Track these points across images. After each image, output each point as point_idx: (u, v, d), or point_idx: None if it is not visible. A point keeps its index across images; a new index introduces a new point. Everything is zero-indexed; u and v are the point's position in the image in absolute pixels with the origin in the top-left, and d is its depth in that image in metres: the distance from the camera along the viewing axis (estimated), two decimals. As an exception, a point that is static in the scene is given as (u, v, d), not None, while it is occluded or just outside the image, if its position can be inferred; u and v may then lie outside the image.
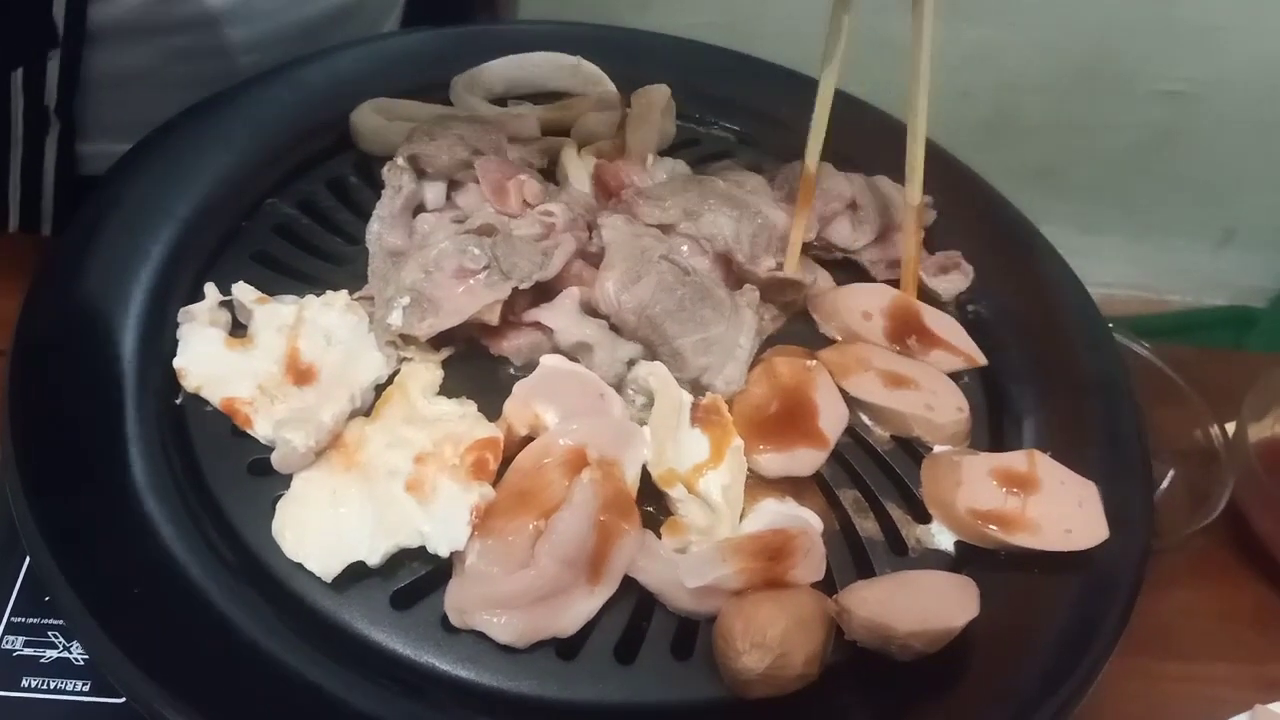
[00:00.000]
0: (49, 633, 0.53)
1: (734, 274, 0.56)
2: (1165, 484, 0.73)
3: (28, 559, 0.56)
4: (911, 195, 0.58)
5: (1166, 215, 1.58)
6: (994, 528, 0.50)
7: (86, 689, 0.52)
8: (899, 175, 0.64)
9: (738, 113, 0.71)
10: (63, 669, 0.52)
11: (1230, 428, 0.73)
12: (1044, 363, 0.58)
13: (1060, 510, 0.51)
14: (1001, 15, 1.43)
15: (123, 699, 0.51)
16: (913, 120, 0.57)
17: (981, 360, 0.57)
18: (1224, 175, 1.53)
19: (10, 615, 0.54)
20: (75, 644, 0.53)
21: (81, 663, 0.52)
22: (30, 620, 0.53)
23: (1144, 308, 1.58)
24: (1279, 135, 1.49)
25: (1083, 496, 0.51)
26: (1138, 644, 0.66)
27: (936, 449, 0.54)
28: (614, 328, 0.54)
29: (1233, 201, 1.55)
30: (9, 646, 0.53)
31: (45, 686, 0.52)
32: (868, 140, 0.66)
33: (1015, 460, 0.53)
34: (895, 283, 0.61)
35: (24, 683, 0.52)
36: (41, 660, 0.52)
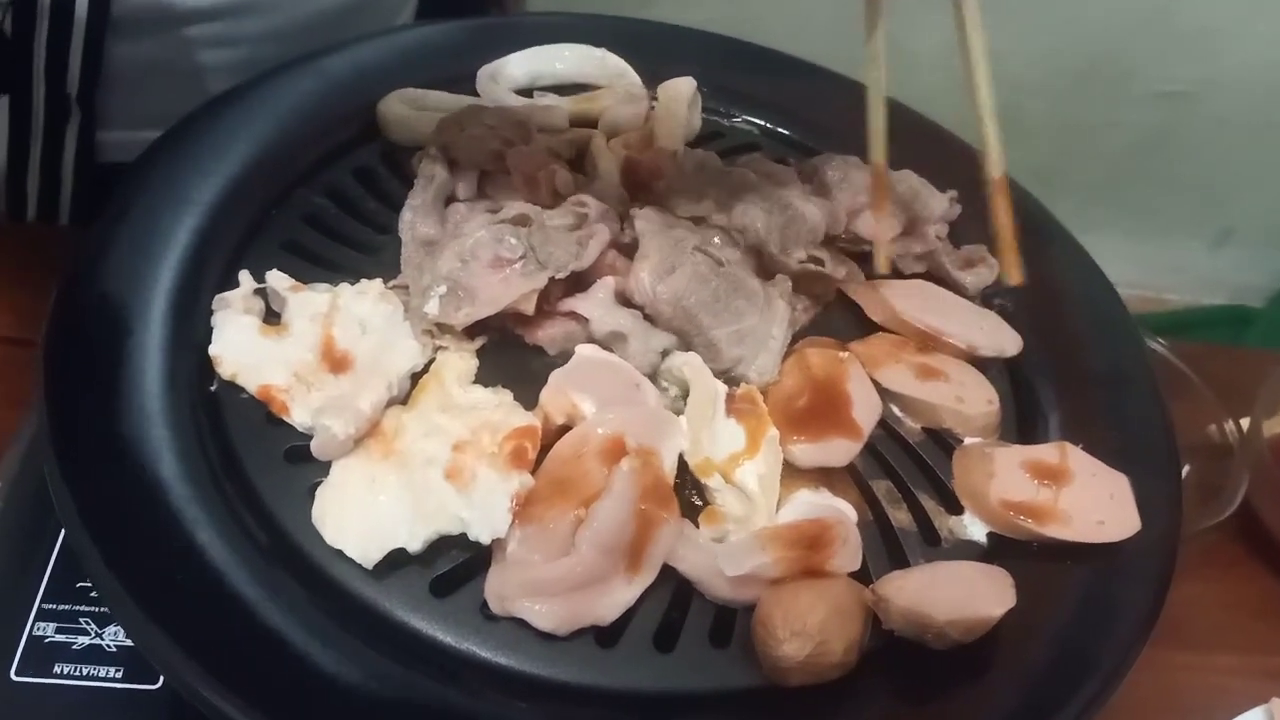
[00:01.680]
0: (80, 619, 0.53)
1: (765, 265, 0.57)
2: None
3: (58, 546, 0.56)
4: (993, 168, 0.57)
5: (1165, 215, 1.59)
6: (1026, 519, 0.50)
7: (119, 675, 0.52)
8: (924, 169, 0.64)
9: (760, 106, 0.71)
10: (95, 655, 0.52)
11: (1244, 423, 0.74)
12: (1069, 355, 0.59)
13: (1092, 502, 0.51)
14: (1001, 18, 1.44)
15: (155, 685, 0.52)
16: (980, 97, 0.58)
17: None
18: (1222, 176, 1.54)
19: (41, 602, 0.54)
20: (107, 631, 0.53)
21: (114, 649, 0.52)
22: (62, 607, 0.53)
23: (1142, 306, 1.59)
24: (1276, 136, 1.51)
25: (1114, 489, 0.52)
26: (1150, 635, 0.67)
27: (967, 441, 0.54)
28: (648, 318, 0.54)
29: (1230, 202, 1.57)
30: (41, 633, 0.53)
31: (77, 673, 0.52)
32: (894, 136, 0.67)
33: (1046, 452, 0.53)
34: (923, 275, 0.61)
35: (56, 669, 0.52)
36: (74, 647, 0.52)
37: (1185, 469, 0.74)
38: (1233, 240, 1.60)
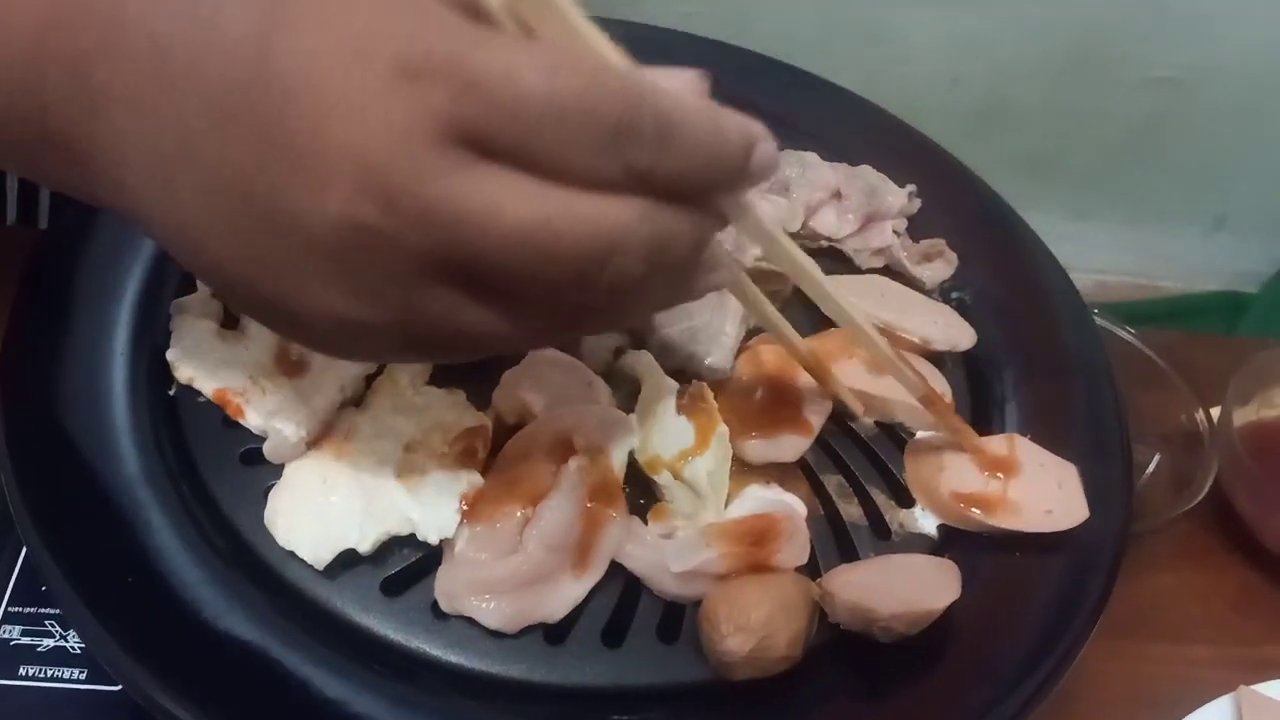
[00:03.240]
0: (46, 622, 0.54)
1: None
2: (1150, 469, 0.74)
3: (24, 551, 0.57)
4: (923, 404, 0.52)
5: (1158, 202, 1.58)
6: (976, 511, 0.51)
7: (84, 677, 0.52)
8: (883, 165, 0.64)
9: (723, 101, 0.71)
10: (60, 657, 0.53)
11: (1215, 412, 0.74)
12: (1025, 347, 0.59)
13: (1040, 492, 0.51)
14: (992, 3, 1.44)
15: (118, 686, 0.52)
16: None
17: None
18: (1215, 162, 1.53)
19: (8, 605, 0.54)
20: (71, 633, 0.54)
21: (78, 651, 0.53)
22: (27, 610, 0.54)
23: (1136, 293, 1.58)
24: (1270, 122, 1.50)
25: (1062, 478, 0.52)
26: (1121, 627, 0.67)
27: (919, 434, 0.54)
28: (600, 317, 0.54)
29: (1224, 188, 1.56)
30: (6, 635, 0.54)
31: (43, 675, 0.52)
32: (853, 131, 0.67)
33: (996, 444, 0.53)
34: (881, 270, 0.62)
35: (22, 671, 0.52)
36: (39, 649, 0.53)
37: (1156, 458, 0.74)
38: (1227, 227, 1.59)
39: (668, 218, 0.34)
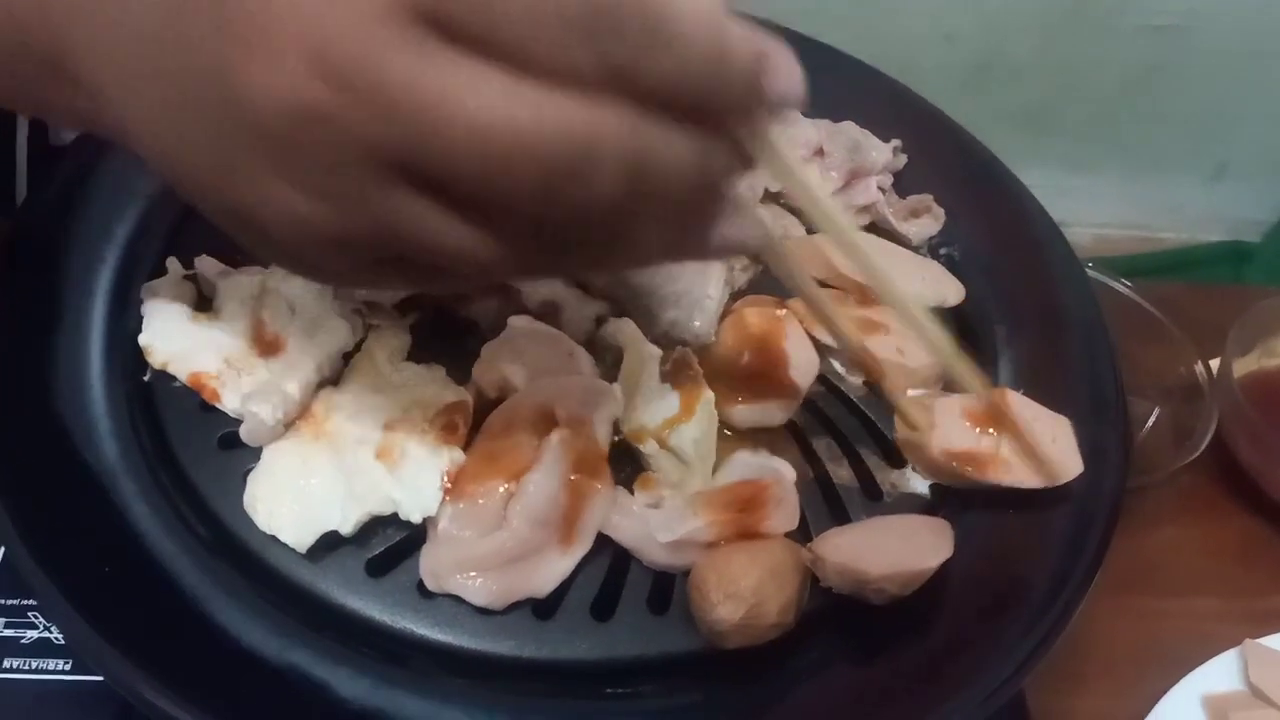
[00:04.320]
0: (29, 613, 0.53)
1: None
2: (1150, 422, 0.73)
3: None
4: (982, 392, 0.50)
5: (1158, 151, 1.56)
6: (969, 468, 0.50)
7: (68, 668, 0.52)
8: (867, 121, 0.63)
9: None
10: (44, 649, 0.53)
11: (1215, 364, 0.73)
12: (1016, 302, 0.58)
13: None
14: (982, -47, 1.41)
15: (102, 678, 0.52)
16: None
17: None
18: (1215, 109, 1.51)
19: (-9, 598, 0.54)
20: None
21: (62, 642, 0.53)
22: (10, 601, 0.54)
23: (1139, 246, 1.56)
24: (1269, 66, 1.47)
25: (1056, 432, 0.51)
26: (1125, 581, 0.66)
27: (909, 393, 0.53)
28: (581, 285, 0.53)
29: (1225, 135, 1.53)
30: (-10, 628, 0.53)
31: (27, 667, 0.52)
32: (837, 87, 0.66)
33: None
34: (866, 228, 0.60)
35: (6, 663, 0.52)
36: (22, 641, 0.53)
37: (1156, 411, 0.73)
38: (1228, 174, 1.57)
39: (656, 134, 0.30)
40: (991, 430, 0.50)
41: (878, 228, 0.61)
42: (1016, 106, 1.51)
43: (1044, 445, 0.50)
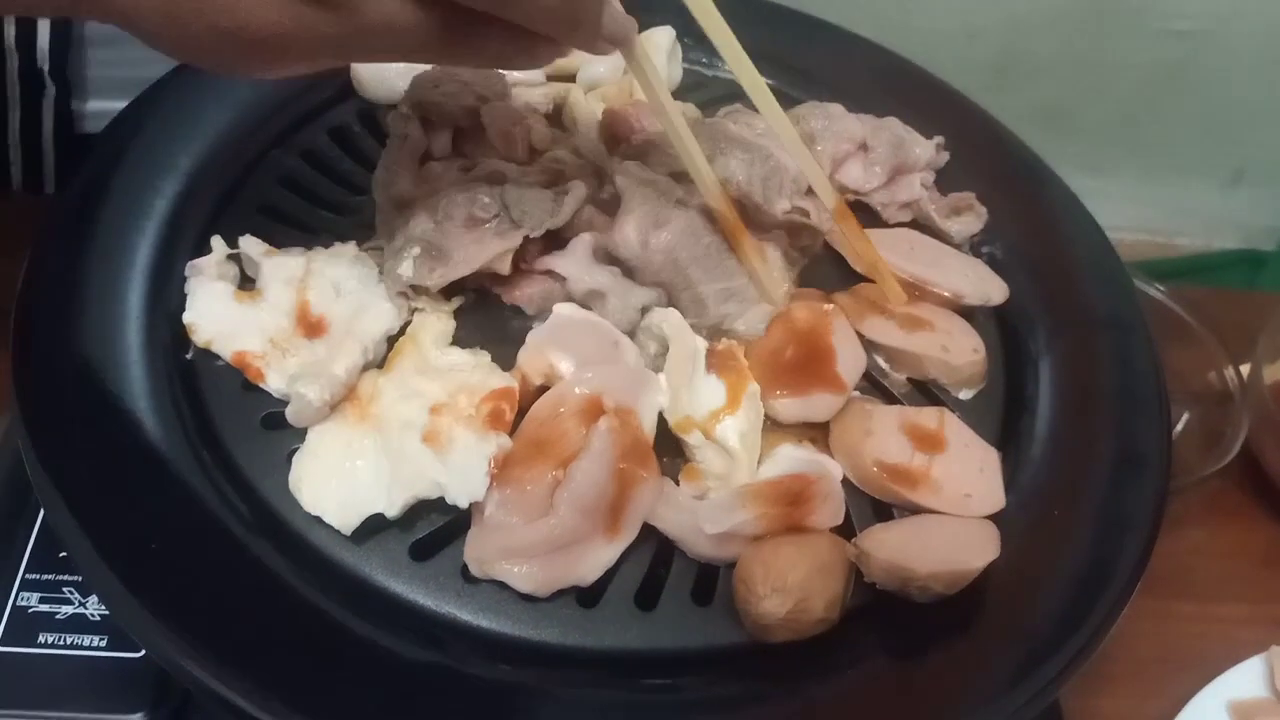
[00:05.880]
0: (64, 589, 0.53)
1: (750, 217, 0.55)
2: (1180, 426, 0.73)
3: (40, 517, 0.56)
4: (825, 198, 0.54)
5: (1175, 155, 1.56)
6: (897, 485, 0.49)
7: (103, 644, 0.52)
8: (909, 117, 0.63)
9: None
10: (79, 624, 0.52)
11: (1245, 369, 0.73)
12: (1058, 302, 0.58)
13: (963, 473, 0.50)
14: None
15: (139, 653, 0.52)
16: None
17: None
18: (1233, 114, 1.51)
19: (25, 572, 0.54)
20: (90, 600, 0.53)
21: (97, 618, 0.52)
22: (45, 577, 0.53)
23: (1154, 251, 1.56)
24: (1289, 73, 1.47)
25: (984, 462, 0.50)
26: (1150, 584, 0.66)
27: (854, 395, 0.52)
28: (628, 274, 0.53)
29: (1242, 140, 1.54)
30: (25, 603, 0.53)
31: (61, 642, 0.52)
32: (878, 81, 0.65)
33: (926, 416, 0.51)
34: (909, 224, 0.60)
35: (40, 639, 0.52)
36: (57, 616, 0.52)
37: (1185, 416, 0.73)
38: (1245, 180, 1.57)
39: None
40: (925, 449, 0.50)
41: (920, 224, 0.60)
42: (1036, 107, 1.51)
43: (971, 474, 0.50)
